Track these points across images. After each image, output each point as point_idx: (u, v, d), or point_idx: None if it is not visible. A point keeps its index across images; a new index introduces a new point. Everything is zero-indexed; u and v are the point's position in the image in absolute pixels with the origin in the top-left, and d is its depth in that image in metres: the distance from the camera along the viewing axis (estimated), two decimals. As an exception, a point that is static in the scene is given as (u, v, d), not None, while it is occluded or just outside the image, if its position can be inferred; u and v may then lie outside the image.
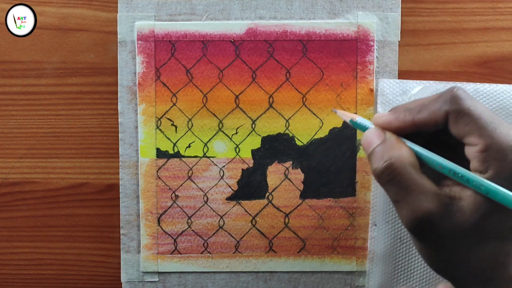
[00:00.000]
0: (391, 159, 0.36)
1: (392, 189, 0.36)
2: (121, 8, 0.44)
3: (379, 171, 0.36)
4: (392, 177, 0.36)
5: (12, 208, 0.46)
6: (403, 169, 0.36)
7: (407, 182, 0.35)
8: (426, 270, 0.44)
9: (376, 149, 0.37)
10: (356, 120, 0.39)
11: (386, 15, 0.44)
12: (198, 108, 0.45)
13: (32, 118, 0.46)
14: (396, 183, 0.36)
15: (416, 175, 0.35)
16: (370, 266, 0.45)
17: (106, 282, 0.47)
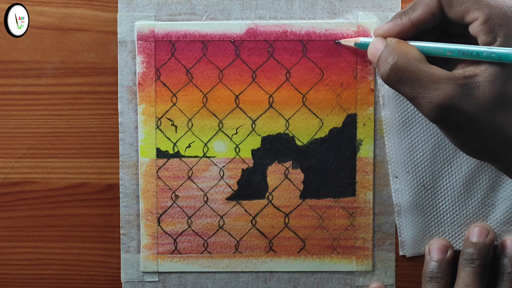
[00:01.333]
0: (394, 59, 0.36)
1: (405, 88, 0.36)
2: (121, 8, 0.44)
3: (386, 74, 0.36)
4: (401, 75, 0.36)
5: (12, 208, 0.46)
6: (409, 64, 0.36)
7: (417, 76, 0.35)
8: (456, 214, 0.44)
9: (380, 55, 0.37)
10: (360, 41, 0.42)
11: (386, 15, 0.44)
12: (198, 108, 0.45)
13: (32, 118, 0.46)
14: (406, 80, 0.36)
15: (424, 66, 0.35)
16: (398, 219, 0.45)
17: (106, 282, 0.47)
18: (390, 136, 0.44)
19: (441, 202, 0.44)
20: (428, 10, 0.36)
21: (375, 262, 0.46)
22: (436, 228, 0.45)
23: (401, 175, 0.44)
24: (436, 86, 0.35)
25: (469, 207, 0.44)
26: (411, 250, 0.45)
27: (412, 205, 0.44)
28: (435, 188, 0.44)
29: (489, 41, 0.35)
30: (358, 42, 0.42)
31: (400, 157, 0.44)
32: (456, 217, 0.45)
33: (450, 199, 0.44)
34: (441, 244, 0.44)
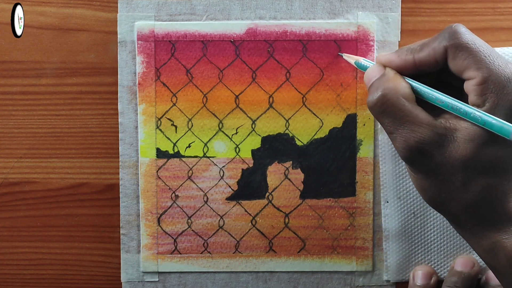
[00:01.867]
0: (384, 90, 0.36)
1: (386, 120, 0.37)
2: (121, 8, 0.44)
3: (372, 102, 0.37)
4: (385, 107, 0.36)
5: (12, 208, 0.46)
6: (396, 100, 0.36)
7: (400, 113, 0.36)
8: (443, 244, 0.45)
9: (374, 82, 0.38)
10: (361, 61, 0.41)
11: (386, 15, 0.44)
12: (198, 108, 0.45)
13: (32, 118, 0.46)
14: (389, 113, 0.36)
15: (410, 106, 0.36)
16: (386, 244, 0.45)
17: (106, 282, 0.47)
18: (385, 161, 0.44)
19: (429, 230, 0.45)
20: (434, 54, 0.36)
21: (375, 262, 0.46)
22: (423, 255, 0.45)
23: (392, 200, 0.44)
24: (415, 128, 0.36)
25: (456, 238, 0.45)
26: (395, 275, 0.45)
27: (400, 231, 0.45)
28: (425, 216, 0.45)
29: (478, 103, 0.35)
30: (359, 62, 0.42)
31: (393, 182, 0.44)
32: (443, 247, 0.45)
33: (438, 228, 0.45)
34: (425, 271, 0.44)
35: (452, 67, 0.36)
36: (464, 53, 0.35)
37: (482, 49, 0.35)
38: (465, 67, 0.35)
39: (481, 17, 0.45)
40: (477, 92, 0.35)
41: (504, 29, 0.45)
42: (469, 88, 0.35)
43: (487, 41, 0.44)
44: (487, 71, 0.34)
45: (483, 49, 0.35)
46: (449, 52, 0.36)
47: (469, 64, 0.35)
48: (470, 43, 0.35)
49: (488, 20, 0.45)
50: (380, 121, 0.37)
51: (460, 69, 0.36)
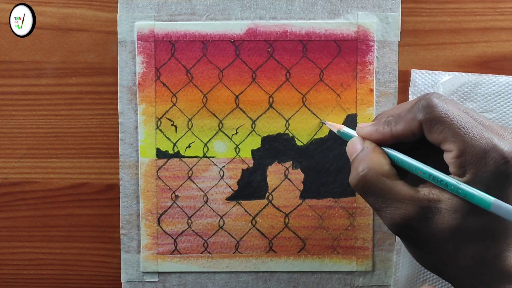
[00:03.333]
0: (364, 170, 0.37)
1: (370, 199, 0.37)
2: (121, 8, 0.44)
3: (354, 183, 0.37)
4: (367, 187, 0.37)
5: (12, 208, 0.46)
6: (376, 179, 0.36)
7: (382, 192, 0.36)
8: None
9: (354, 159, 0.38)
10: (343, 130, 0.42)
11: (386, 15, 0.44)
12: (198, 108, 0.45)
13: (32, 118, 0.46)
14: (371, 193, 0.37)
15: (390, 183, 0.36)
16: (397, 258, 0.45)
17: (106, 282, 0.47)
18: None
19: None
20: (409, 128, 0.36)
21: (375, 262, 0.46)
22: (431, 274, 0.45)
23: None
24: (398, 204, 0.36)
25: None
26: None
27: None
28: None
29: (458, 174, 0.35)
30: (341, 131, 0.42)
31: None
32: None
33: None
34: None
35: (429, 139, 0.36)
36: (439, 127, 0.35)
37: (457, 121, 0.35)
38: (441, 140, 0.35)
39: (481, 17, 0.45)
40: (456, 165, 0.35)
41: (504, 29, 0.45)
42: (448, 160, 0.35)
43: (487, 41, 0.44)
44: (462, 144, 0.34)
45: (457, 120, 0.35)
46: (424, 126, 0.36)
47: (445, 137, 0.35)
48: (444, 116, 0.35)
49: (488, 20, 0.45)
50: (365, 199, 0.38)
51: (437, 141, 0.35)
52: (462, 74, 0.44)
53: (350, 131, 0.41)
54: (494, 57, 0.45)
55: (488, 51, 0.45)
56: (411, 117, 0.36)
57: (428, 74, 0.44)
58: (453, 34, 0.45)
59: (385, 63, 0.45)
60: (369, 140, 0.39)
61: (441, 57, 0.45)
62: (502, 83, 0.43)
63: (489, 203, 0.34)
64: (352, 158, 0.39)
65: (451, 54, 0.45)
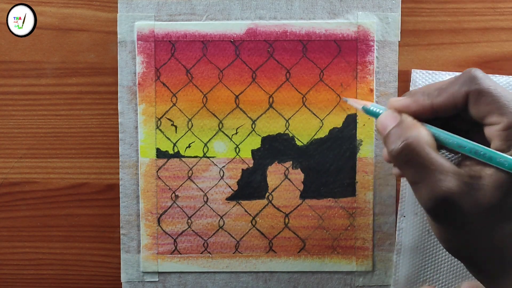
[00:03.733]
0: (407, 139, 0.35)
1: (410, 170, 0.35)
2: (121, 8, 0.44)
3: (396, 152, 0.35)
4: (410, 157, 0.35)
5: (12, 208, 0.46)
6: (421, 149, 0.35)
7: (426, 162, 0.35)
8: (453, 264, 0.44)
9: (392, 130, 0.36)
10: (370, 107, 0.39)
11: (386, 15, 0.44)
12: (198, 108, 0.45)
13: (32, 118, 0.46)
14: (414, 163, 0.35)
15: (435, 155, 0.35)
16: (397, 258, 0.45)
17: (106, 282, 0.47)
18: None
19: (441, 250, 0.44)
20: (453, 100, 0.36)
21: (375, 262, 0.46)
22: (432, 274, 0.45)
23: (409, 215, 0.44)
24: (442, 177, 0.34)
25: None
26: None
27: (413, 246, 0.45)
28: None
29: (503, 149, 0.34)
30: (367, 108, 0.39)
31: (411, 197, 0.44)
32: (453, 269, 0.44)
33: None
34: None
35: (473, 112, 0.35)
36: (486, 99, 0.34)
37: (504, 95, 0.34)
38: (487, 113, 0.35)
39: (481, 17, 0.45)
40: (502, 138, 0.34)
41: (504, 29, 0.45)
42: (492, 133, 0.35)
43: (487, 41, 0.45)
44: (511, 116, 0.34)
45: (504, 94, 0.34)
46: (470, 98, 0.35)
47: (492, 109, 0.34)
48: (491, 88, 0.34)
49: (488, 20, 0.45)
50: (403, 170, 0.36)
51: (482, 114, 0.35)
52: None
53: (378, 107, 0.38)
54: (494, 57, 0.45)
55: (488, 51, 0.45)
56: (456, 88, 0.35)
57: (429, 74, 0.44)
58: (453, 34, 0.45)
59: (385, 63, 0.45)
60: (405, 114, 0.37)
61: (441, 57, 0.45)
62: (502, 83, 0.43)
63: None
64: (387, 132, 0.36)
65: (451, 54, 0.45)
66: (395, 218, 0.45)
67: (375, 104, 0.39)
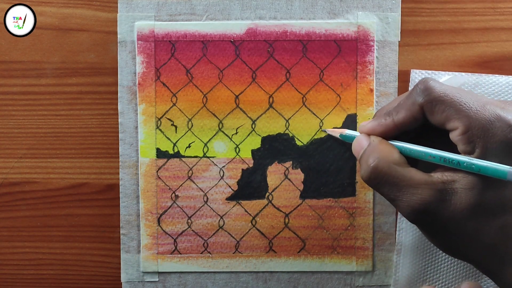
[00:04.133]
0: (374, 161, 0.37)
1: (384, 190, 0.37)
2: (121, 8, 0.44)
3: (366, 176, 0.37)
4: (380, 178, 0.37)
5: (12, 208, 0.46)
6: (388, 169, 0.36)
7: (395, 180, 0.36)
8: (453, 263, 0.44)
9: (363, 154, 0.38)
10: (345, 133, 0.42)
11: (386, 15, 0.44)
12: (198, 108, 0.45)
13: (32, 118, 0.46)
14: (385, 183, 0.37)
15: (403, 170, 0.36)
16: (397, 258, 0.45)
17: (106, 282, 0.47)
18: None
19: None
20: (411, 114, 0.37)
21: (375, 262, 0.46)
22: (431, 274, 0.45)
23: None
24: (414, 191, 0.35)
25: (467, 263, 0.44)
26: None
27: (413, 246, 0.45)
28: None
29: (468, 151, 0.35)
30: (343, 134, 0.42)
31: None
32: (453, 268, 0.44)
33: None
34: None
35: (432, 122, 0.36)
36: (440, 107, 0.35)
37: (457, 98, 0.35)
38: (444, 120, 0.35)
39: (481, 17, 0.45)
40: (464, 141, 0.35)
41: (504, 29, 0.45)
42: (454, 138, 0.35)
43: (487, 41, 0.45)
44: (467, 119, 0.34)
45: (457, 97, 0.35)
46: (425, 109, 0.36)
47: (448, 116, 0.35)
48: (443, 95, 0.35)
49: (488, 20, 0.45)
50: (379, 191, 0.37)
51: (440, 122, 0.36)
52: (462, 74, 0.44)
53: (352, 132, 0.42)
54: (494, 57, 0.45)
55: (488, 51, 0.45)
56: (411, 102, 0.36)
57: (428, 74, 0.44)
58: (453, 34, 0.45)
59: (385, 63, 0.45)
60: (374, 135, 0.39)
61: (441, 57, 0.45)
62: (502, 83, 0.43)
63: (505, 172, 0.33)
64: (360, 155, 0.38)
65: (451, 54, 0.45)
66: (395, 218, 0.45)
67: (349, 131, 0.42)
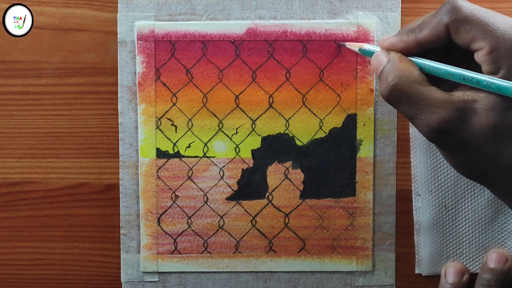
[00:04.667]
0: (394, 80, 0.36)
1: (403, 108, 0.36)
2: (121, 8, 0.44)
3: (386, 94, 0.37)
4: (400, 96, 0.36)
5: (12, 208, 0.46)
6: (408, 87, 0.36)
7: (415, 98, 0.36)
8: (475, 237, 0.45)
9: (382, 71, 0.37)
10: (364, 47, 0.41)
11: (386, 15, 0.44)
12: (198, 108, 0.45)
13: (32, 118, 0.46)
14: (405, 101, 0.36)
15: (423, 89, 0.36)
16: (417, 237, 0.45)
17: (106, 282, 0.47)
18: (416, 154, 0.44)
19: (461, 223, 0.44)
20: (435, 33, 0.36)
21: (375, 262, 0.46)
22: (454, 249, 0.45)
23: (424, 194, 0.44)
24: (433, 109, 0.35)
25: (488, 231, 0.44)
26: (427, 269, 0.45)
27: (432, 224, 0.45)
28: (457, 209, 0.44)
29: (493, 71, 0.35)
30: (363, 49, 0.42)
31: (424, 175, 0.44)
32: (475, 240, 0.45)
33: (470, 221, 0.44)
34: (457, 268, 0.44)
35: (457, 42, 0.36)
36: (466, 26, 0.35)
37: (484, 18, 0.34)
38: (470, 40, 0.35)
39: (481, 17, 0.44)
40: (489, 62, 0.34)
41: (504, 29, 0.45)
42: (479, 59, 0.35)
43: (487, 41, 0.44)
44: (493, 39, 0.34)
45: (485, 17, 0.34)
46: (451, 28, 0.35)
47: (474, 36, 0.35)
48: (470, 15, 0.35)
49: (488, 20, 0.44)
50: (398, 109, 0.37)
51: (466, 42, 0.35)
52: None
53: (372, 47, 0.41)
54: (494, 57, 0.45)
55: (488, 51, 0.45)
56: (437, 21, 0.36)
57: None
58: (453, 34, 0.45)
59: (385, 63, 0.44)
60: (394, 51, 0.38)
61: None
62: None
63: None
64: (379, 71, 0.38)
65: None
66: (395, 218, 0.45)
67: (369, 45, 0.42)
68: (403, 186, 0.45)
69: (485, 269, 0.43)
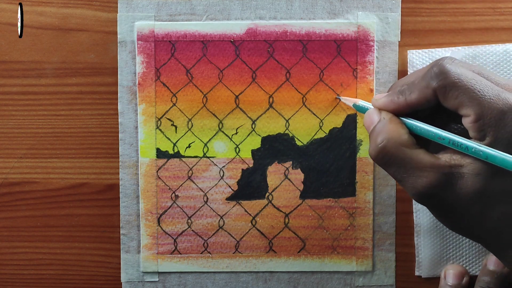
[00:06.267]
0: (382, 142, 0.36)
1: (391, 170, 0.37)
2: (121, 8, 0.44)
3: (374, 156, 0.37)
4: (387, 159, 0.36)
5: (12, 208, 0.46)
6: (396, 150, 0.36)
7: (402, 161, 0.36)
8: None
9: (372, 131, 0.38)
10: (359, 103, 0.42)
11: (386, 15, 0.44)
12: (198, 108, 0.45)
13: (32, 118, 0.46)
14: (392, 164, 0.36)
15: (410, 152, 0.36)
16: (417, 240, 0.45)
17: (106, 282, 0.47)
18: None
19: None
20: (424, 96, 0.36)
21: (375, 262, 0.46)
22: (454, 251, 0.45)
23: None
24: (420, 173, 0.35)
25: None
26: (427, 271, 0.45)
27: (432, 226, 0.45)
28: None
29: (478, 138, 0.35)
30: (357, 104, 0.42)
31: None
32: (475, 244, 0.45)
33: None
34: (457, 270, 0.44)
35: (445, 106, 0.36)
36: (454, 92, 0.35)
37: (471, 85, 0.34)
38: (458, 106, 0.35)
39: (481, 17, 0.45)
40: (475, 129, 0.34)
41: (504, 29, 0.45)
42: (466, 124, 0.35)
43: (487, 41, 0.44)
44: (479, 108, 0.34)
45: (472, 84, 0.34)
46: (438, 93, 0.35)
47: (461, 102, 0.35)
48: (457, 81, 0.34)
49: (488, 20, 0.45)
50: (386, 171, 0.37)
51: (453, 107, 0.35)
52: (459, 49, 0.44)
53: (365, 103, 0.41)
54: (494, 57, 0.45)
55: (488, 51, 0.45)
56: (425, 85, 0.36)
57: (425, 52, 0.44)
58: (453, 34, 0.45)
59: (385, 63, 0.45)
60: (385, 111, 0.38)
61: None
62: (499, 51, 0.43)
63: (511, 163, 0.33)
64: (370, 130, 0.38)
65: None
66: (395, 218, 0.45)
67: (362, 101, 0.42)
68: (403, 186, 0.45)
69: (485, 272, 0.43)
